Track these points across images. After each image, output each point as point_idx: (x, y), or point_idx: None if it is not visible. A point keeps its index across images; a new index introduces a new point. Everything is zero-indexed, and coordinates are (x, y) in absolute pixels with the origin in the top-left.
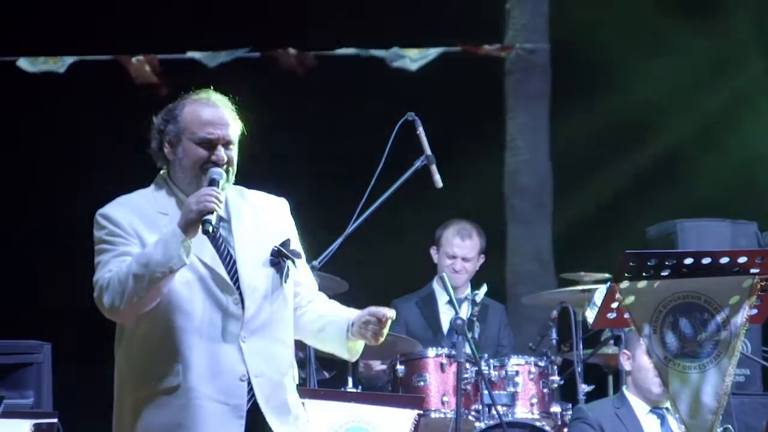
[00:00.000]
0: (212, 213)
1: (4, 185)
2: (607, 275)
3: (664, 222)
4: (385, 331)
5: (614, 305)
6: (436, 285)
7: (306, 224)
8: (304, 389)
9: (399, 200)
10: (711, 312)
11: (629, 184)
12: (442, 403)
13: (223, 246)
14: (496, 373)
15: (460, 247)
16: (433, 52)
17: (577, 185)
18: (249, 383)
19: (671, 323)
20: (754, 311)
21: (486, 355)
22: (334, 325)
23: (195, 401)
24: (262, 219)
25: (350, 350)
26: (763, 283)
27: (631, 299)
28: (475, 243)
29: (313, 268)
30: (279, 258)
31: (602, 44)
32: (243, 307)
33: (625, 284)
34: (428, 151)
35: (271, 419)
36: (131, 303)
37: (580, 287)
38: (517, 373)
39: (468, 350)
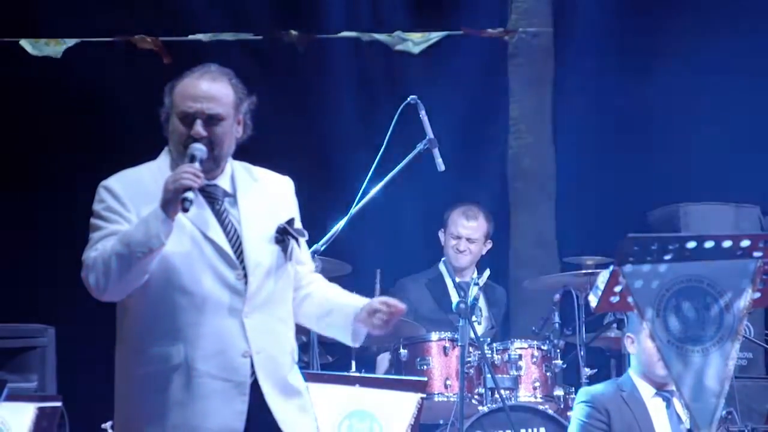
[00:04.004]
0: (190, 190)
1: (5, 168)
2: (609, 259)
3: (667, 205)
4: (394, 321)
5: (617, 289)
6: (442, 267)
7: (307, 207)
8: (308, 373)
9: (401, 183)
10: (714, 296)
11: (633, 167)
12: (445, 386)
13: (227, 220)
14: (499, 356)
15: (464, 228)
16: (435, 36)
17: (580, 169)
18: (251, 360)
19: (674, 307)
20: (757, 295)
21: (489, 339)
22: (340, 311)
23: (197, 379)
24: (267, 196)
25: (354, 337)
26: (766, 267)
27: (633, 283)
28: (481, 225)
29: (316, 251)
30: (284, 236)
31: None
32: (246, 283)
33: (628, 268)
34: (431, 134)
35: (272, 396)
36: (115, 282)
37: (582, 271)
38: (520, 356)
39: (471, 334)
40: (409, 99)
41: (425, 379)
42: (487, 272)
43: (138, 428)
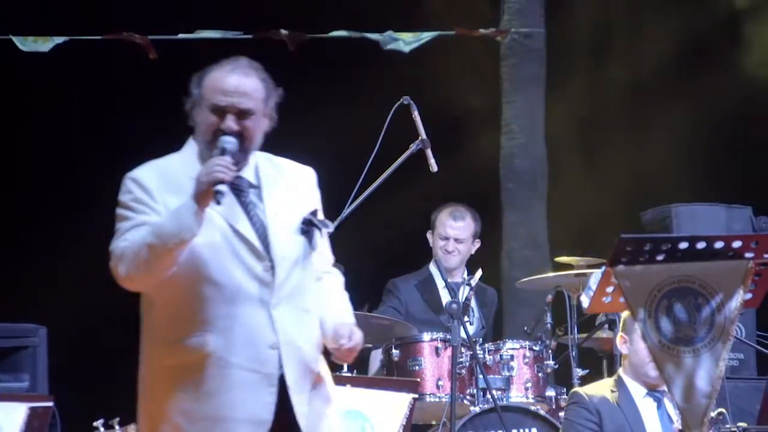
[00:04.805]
0: (222, 183)
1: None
2: (601, 260)
3: (659, 206)
4: (353, 355)
5: (609, 289)
6: (432, 268)
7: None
8: None
9: (394, 184)
10: (706, 296)
11: (624, 168)
12: (437, 387)
13: (253, 212)
14: (491, 357)
15: (452, 228)
16: (427, 36)
17: (573, 169)
18: (278, 351)
19: (666, 308)
20: (749, 295)
21: (481, 339)
22: (326, 326)
23: (227, 370)
24: (291, 186)
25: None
26: (757, 268)
27: (626, 283)
28: (468, 225)
29: None
30: (309, 227)
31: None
32: (273, 274)
33: (620, 268)
34: (423, 135)
35: (297, 388)
36: (146, 272)
37: (574, 271)
38: (512, 357)
39: (463, 334)
40: (402, 99)
41: (417, 379)
42: (479, 273)
43: (167, 419)
